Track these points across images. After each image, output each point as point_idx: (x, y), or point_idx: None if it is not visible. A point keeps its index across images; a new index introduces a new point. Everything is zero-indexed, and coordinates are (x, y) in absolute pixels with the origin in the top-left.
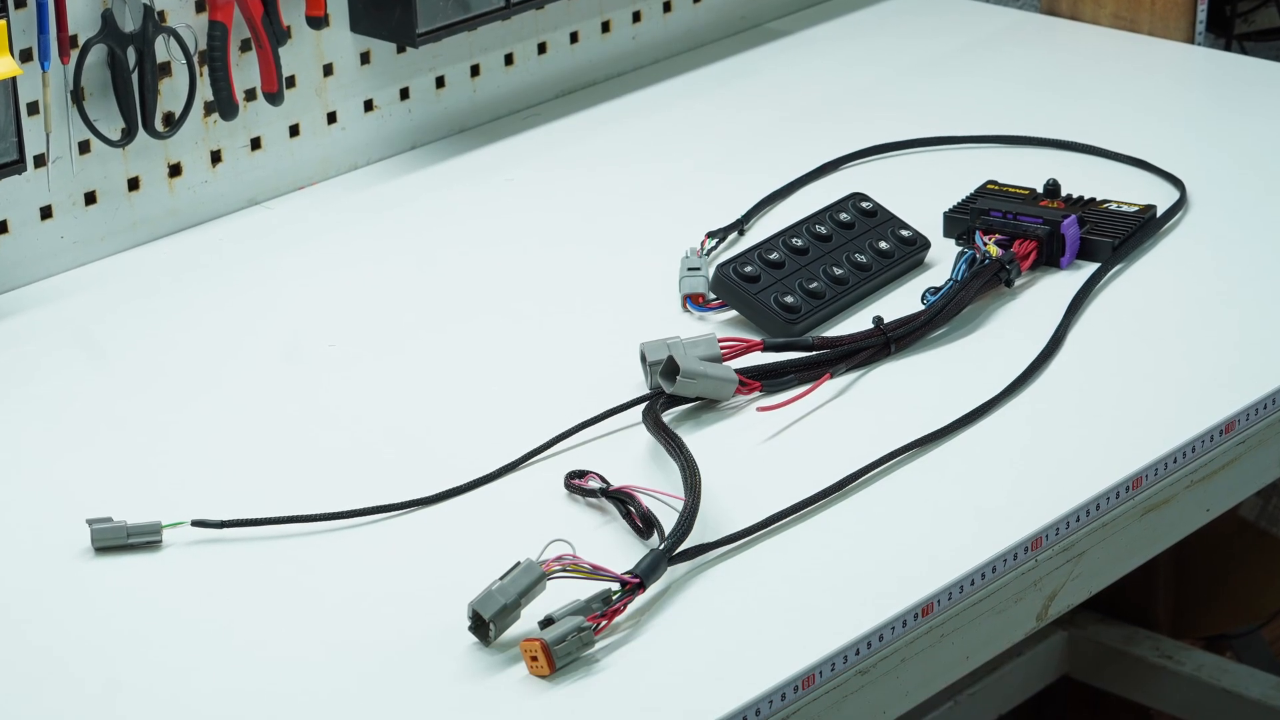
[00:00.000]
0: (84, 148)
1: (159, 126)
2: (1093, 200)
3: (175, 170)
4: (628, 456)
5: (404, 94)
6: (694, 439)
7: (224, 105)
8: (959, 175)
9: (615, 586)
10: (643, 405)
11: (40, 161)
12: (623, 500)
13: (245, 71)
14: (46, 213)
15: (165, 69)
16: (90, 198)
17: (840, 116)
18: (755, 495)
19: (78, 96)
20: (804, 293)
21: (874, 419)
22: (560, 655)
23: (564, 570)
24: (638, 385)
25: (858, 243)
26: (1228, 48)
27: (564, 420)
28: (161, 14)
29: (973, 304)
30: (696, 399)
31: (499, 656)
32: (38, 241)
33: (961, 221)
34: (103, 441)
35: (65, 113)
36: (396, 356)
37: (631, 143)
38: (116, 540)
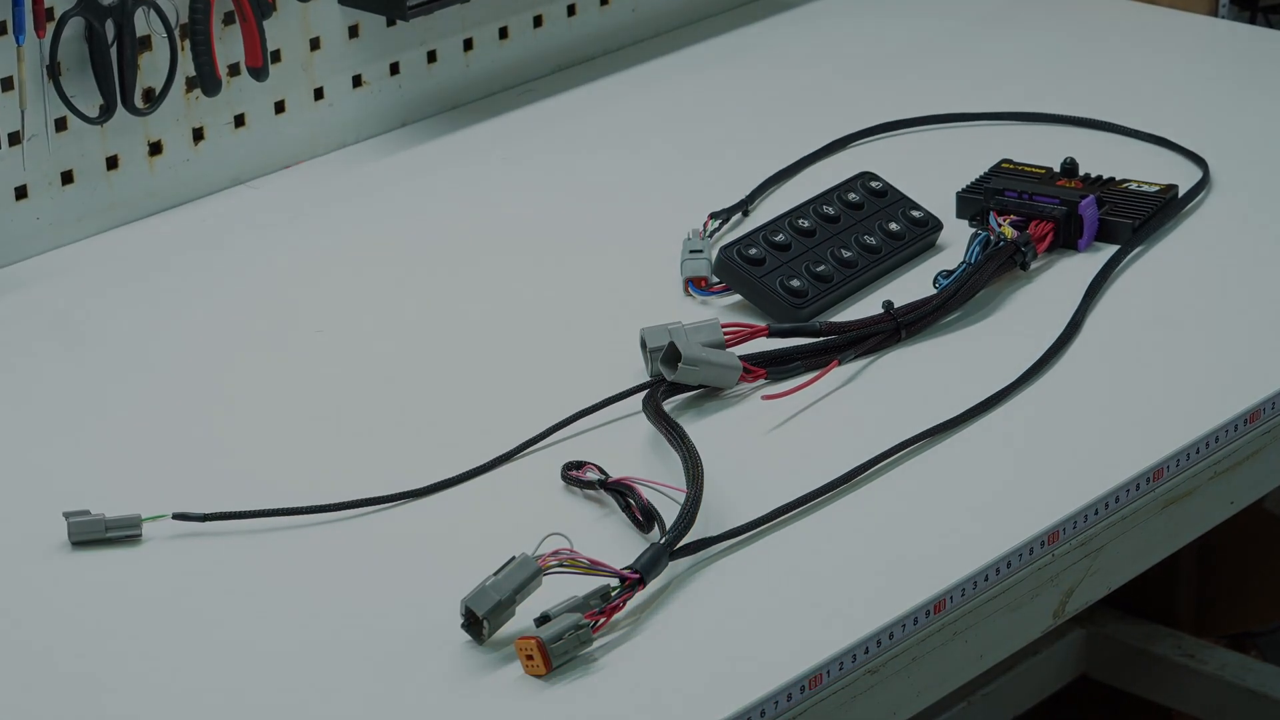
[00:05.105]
0: (60, 125)
1: (139, 103)
2: (1112, 180)
3: (155, 148)
4: (627, 447)
5: (394, 69)
6: (696, 429)
7: (206, 81)
8: (972, 153)
9: (614, 582)
10: (643, 393)
11: (15, 139)
12: (622, 492)
13: (228, 45)
14: (21, 193)
15: (145, 43)
16: (67, 177)
17: (849, 92)
18: (760, 487)
19: (54, 71)
20: (811, 276)
21: (883, 408)
22: (557, 654)
23: (561, 565)
24: (638, 373)
25: (867, 224)
26: (1253, 21)
27: (561, 409)
28: None
29: (987, 288)
30: (699, 387)
31: (493, 655)
32: (12, 223)
33: (975, 202)
34: (80, 431)
35: (41, 89)
36: (386, 342)
37: (631, 120)
38: (94, 534)
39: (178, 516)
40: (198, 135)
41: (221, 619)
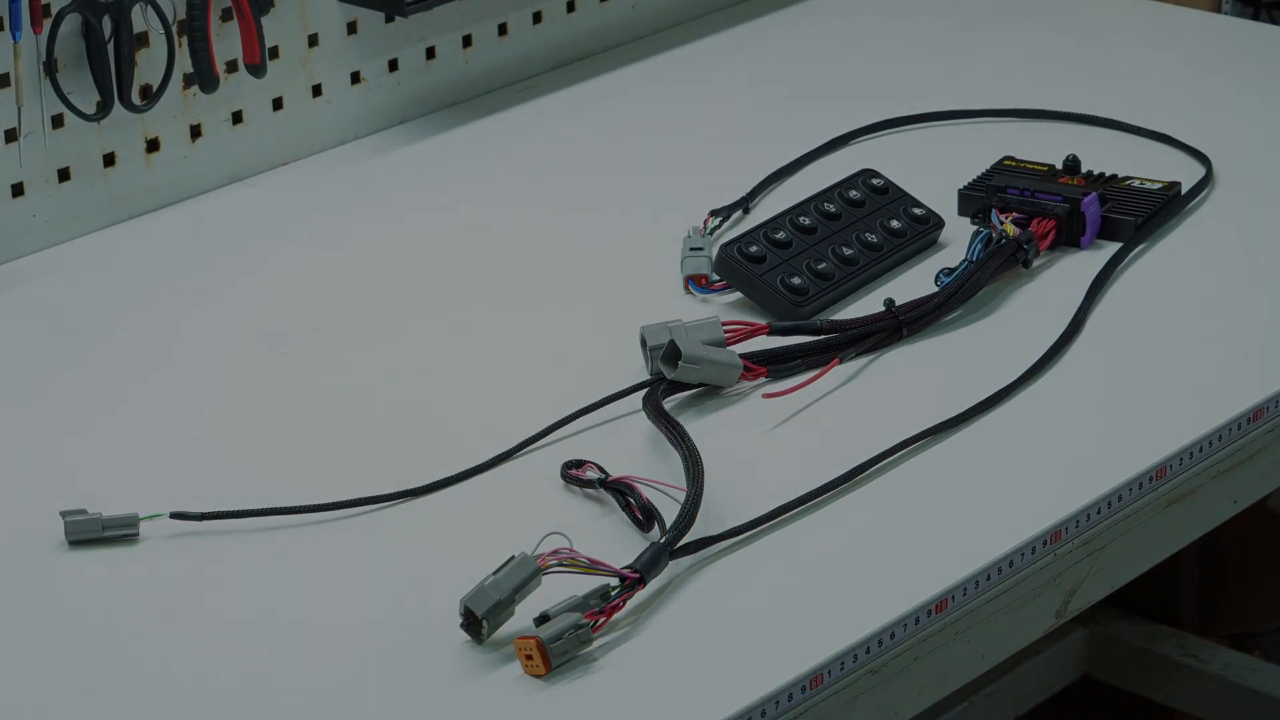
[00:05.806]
0: (57, 122)
1: (136, 100)
2: (1114, 177)
3: (153, 145)
4: (627, 446)
5: (392, 65)
6: (696, 427)
7: (204, 77)
8: (974, 150)
9: (614, 582)
10: (643, 392)
11: (11, 136)
12: (622, 491)
13: (226, 42)
14: (18, 190)
15: (142, 39)
16: (64, 174)
17: (850, 89)
18: (760, 486)
19: (51, 68)
20: (812, 274)
21: (885, 406)
22: (556, 654)
23: (560, 565)
24: (638, 371)
25: (868, 221)
26: (1256, 17)
27: (561, 407)
28: None
29: (988, 286)
30: (699, 385)
31: (492, 655)
32: (9, 220)
33: (977, 199)
34: (76, 429)
35: (38, 85)
36: (384, 340)
37: (631, 117)
38: (91, 533)
39: (175, 515)
40: (195, 132)
41: (219, 619)
